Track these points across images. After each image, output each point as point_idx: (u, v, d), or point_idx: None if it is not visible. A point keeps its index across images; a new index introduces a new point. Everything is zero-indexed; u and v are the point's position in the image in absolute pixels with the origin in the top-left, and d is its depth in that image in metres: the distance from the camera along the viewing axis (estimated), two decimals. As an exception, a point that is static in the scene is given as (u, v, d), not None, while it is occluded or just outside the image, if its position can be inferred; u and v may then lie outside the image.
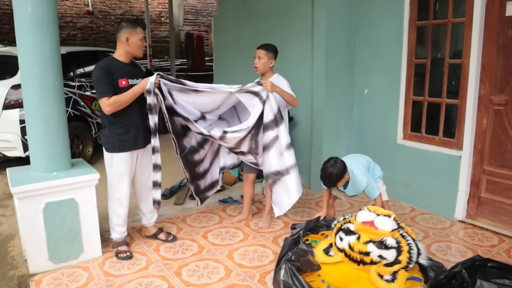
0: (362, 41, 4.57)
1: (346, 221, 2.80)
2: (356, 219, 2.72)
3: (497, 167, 3.68)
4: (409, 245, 2.56)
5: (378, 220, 2.63)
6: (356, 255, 2.57)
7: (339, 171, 3.03)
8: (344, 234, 2.68)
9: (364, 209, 2.76)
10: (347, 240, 2.63)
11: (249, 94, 3.44)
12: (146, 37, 3.26)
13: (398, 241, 2.55)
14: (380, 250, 2.51)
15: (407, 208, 4.26)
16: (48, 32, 2.99)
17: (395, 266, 2.51)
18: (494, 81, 3.60)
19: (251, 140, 3.50)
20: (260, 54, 3.65)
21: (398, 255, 2.51)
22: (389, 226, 2.60)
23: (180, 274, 3.02)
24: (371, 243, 2.55)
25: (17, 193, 2.90)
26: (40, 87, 2.99)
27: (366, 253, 2.53)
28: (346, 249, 2.62)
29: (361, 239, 2.59)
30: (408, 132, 4.29)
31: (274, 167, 3.51)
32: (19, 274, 3.08)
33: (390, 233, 2.57)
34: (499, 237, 3.56)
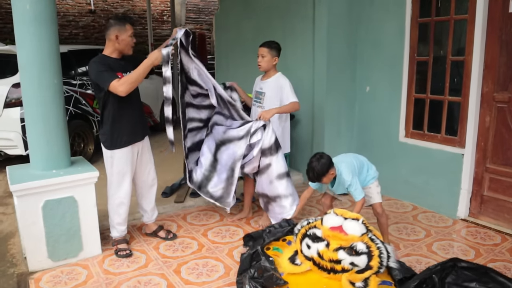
0: (364, 38, 4.54)
1: (311, 226, 2.64)
2: (323, 224, 2.58)
3: (500, 165, 3.64)
4: (379, 249, 2.46)
5: (347, 224, 2.51)
6: (326, 263, 2.43)
7: (324, 166, 2.96)
8: (311, 241, 2.52)
9: (330, 213, 2.64)
10: (315, 247, 2.48)
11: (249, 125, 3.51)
12: (134, 33, 3.24)
13: (368, 246, 2.45)
14: (352, 257, 2.39)
15: (409, 206, 4.23)
16: (47, 30, 2.97)
17: (366, 273, 2.41)
18: (497, 78, 3.56)
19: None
20: (263, 52, 3.63)
21: (369, 260, 2.42)
22: (358, 230, 2.49)
23: (179, 272, 3.01)
24: (342, 250, 2.42)
25: (16, 191, 2.90)
26: (39, 85, 2.98)
27: (337, 261, 2.40)
28: (315, 257, 2.47)
29: (331, 246, 2.44)
30: (410, 130, 4.26)
31: (264, 191, 3.56)
32: (18, 272, 3.07)
33: (360, 237, 2.46)
34: (502, 236, 3.53)
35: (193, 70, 3.51)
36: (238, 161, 3.45)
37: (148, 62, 3.04)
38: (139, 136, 3.26)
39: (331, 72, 4.47)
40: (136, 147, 3.26)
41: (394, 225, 3.80)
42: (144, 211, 3.51)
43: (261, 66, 3.67)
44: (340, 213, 2.61)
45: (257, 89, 3.85)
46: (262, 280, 2.45)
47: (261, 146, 3.41)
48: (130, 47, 3.18)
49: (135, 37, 3.22)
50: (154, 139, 7.03)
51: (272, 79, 3.71)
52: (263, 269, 2.53)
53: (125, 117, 3.13)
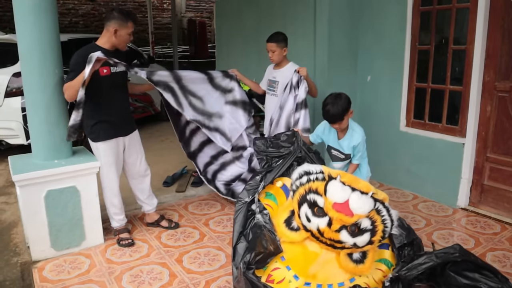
0: (365, 27, 4.51)
1: (312, 189, 2.29)
2: (326, 195, 2.24)
3: (500, 155, 3.65)
4: (384, 221, 2.24)
5: (354, 201, 2.18)
6: (325, 240, 2.26)
7: (346, 100, 2.92)
8: (311, 213, 2.26)
9: (336, 180, 2.24)
10: (315, 223, 2.25)
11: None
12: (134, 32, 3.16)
13: (373, 221, 2.22)
14: (354, 238, 2.21)
15: (410, 195, 4.24)
16: (47, 18, 2.95)
17: (366, 247, 2.27)
18: (498, 67, 3.55)
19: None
20: (272, 48, 3.67)
21: (372, 236, 2.23)
22: (366, 208, 2.19)
23: (181, 261, 3.04)
24: (344, 230, 2.21)
25: (18, 181, 2.91)
26: (40, 74, 2.97)
27: (339, 241, 2.23)
28: (314, 232, 2.27)
29: (333, 226, 2.21)
30: (411, 119, 4.25)
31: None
32: (22, 261, 3.10)
33: (368, 214, 2.22)
34: (502, 225, 3.55)
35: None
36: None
37: (80, 76, 2.84)
38: (122, 132, 3.22)
39: (332, 62, 4.45)
40: (122, 141, 3.24)
41: (395, 214, 3.82)
42: (141, 201, 3.53)
43: (273, 60, 3.73)
44: (348, 181, 2.22)
45: (270, 78, 3.89)
46: (255, 265, 2.26)
47: (297, 99, 3.51)
48: (125, 44, 3.14)
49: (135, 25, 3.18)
50: (155, 128, 7.07)
51: (285, 68, 3.76)
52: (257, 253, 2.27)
53: (102, 113, 3.10)
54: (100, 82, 3.01)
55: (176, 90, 3.60)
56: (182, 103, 3.63)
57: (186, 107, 3.66)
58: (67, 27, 12.11)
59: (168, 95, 3.53)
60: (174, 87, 3.59)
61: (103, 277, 2.85)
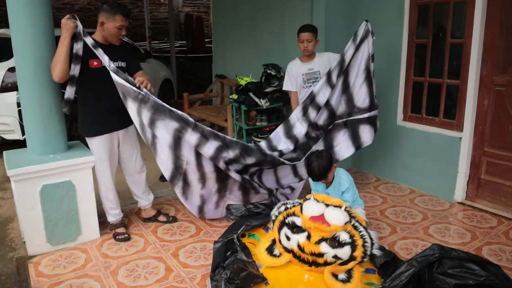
0: (362, 20, 4.47)
1: (289, 213, 2.43)
2: (303, 212, 2.36)
3: (497, 149, 3.64)
4: (363, 237, 2.32)
5: (329, 213, 2.30)
6: (307, 256, 2.28)
7: (327, 158, 2.92)
8: (291, 232, 2.34)
9: (310, 199, 2.41)
10: (295, 239, 2.30)
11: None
12: (126, 25, 3.05)
13: (351, 235, 2.30)
14: (335, 250, 2.25)
15: (407, 189, 4.24)
16: (42, 12, 2.93)
17: (350, 264, 2.29)
18: (496, 61, 3.54)
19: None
20: (308, 37, 3.66)
21: (353, 251, 2.28)
22: (341, 219, 2.29)
23: (177, 255, 3.03)
24: (324, 242, 2.26)
25: (13, 176, 2.90)
26: (34, 69, 2.95)
27: (319, 254, 2.26)
28: (295, 250, 2.31)
29: (312, 238, 2.27)
30: (408, 113, 4.25)
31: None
32: (17, 256, 3.09)
33: (343, 227, 2.30)
34: (498, 219, 3.55)
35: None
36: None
37: (61, 39, 2.83)
38: (115, 126, 3.18)
39: (330, 55, 4.43)
40: (116, 136, 3.21)
41: (391, 208, 3.82)
42: (137, 196, 3.51)
43: (308, 50, 3.70)
44: (321, 199, 2.40)
45: (305, 72, 3.82)
46: (238, 281, 2.28)
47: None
48: (116, 38, 3.05)
49: (132, 20, 3.14)
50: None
51: (319, 57, 3.80)
52: (239, 267, 2.34)
53: (93, 107, 3.08)
54: (91, 74, 2.97)
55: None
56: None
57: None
58: (63, 21, 12.03)
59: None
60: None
61: (99, 271, 2.84)
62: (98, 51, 2.92)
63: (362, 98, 3.66)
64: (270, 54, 5.22)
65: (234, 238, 2.56)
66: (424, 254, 2.39)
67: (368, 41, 3.57)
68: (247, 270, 2.33)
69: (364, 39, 3.57)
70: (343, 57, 3.57)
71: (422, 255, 2.38)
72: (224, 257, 2.52)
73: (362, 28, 3.58)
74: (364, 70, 3.62)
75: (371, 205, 3.87)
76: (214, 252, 2.58)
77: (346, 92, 3.64)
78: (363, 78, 3.63)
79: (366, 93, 3.65)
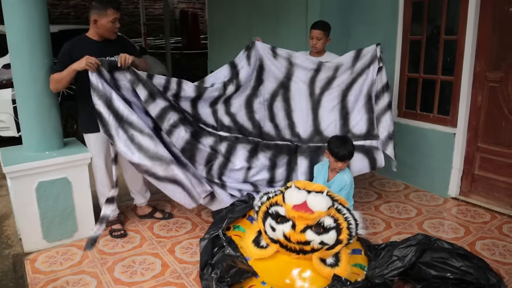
0: (357, 17, 4.50)
1: (272, 203, 2.42)
2: (285, 202, 2.35)
3: (491, 145, 3.68)
4: (347, 219, 2.33)
5: (311, 200, 2.30)
6: (294, 245, 2.31)
7: (351, 141, 2.95)
8: (275, 222, 2.35)
9: (291, 187, 2.41)
10: (280, 229, 2.32)
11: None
12: (119, 17, 3.04)
13: (336, 219, 2.31)
14: (321, 236, 2.27)
15: (401, 185, 4.27)
16: (36, 9, 2.92)
17: (337, 247, 2.33)
18: (489, 57, 3.57)
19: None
20: (318, 35, 3.60)
21: (339, 234, 2.30)
22: (324, 205, 2.30)
23: (173, 251, 3.05)
24: (309, 229, 2.28)
25: (9, 173, 2.90)
26: (30, 65, 2.95)
27: (306, 242, 2.28)
28: (282, 240, 2.34)
29: (297, 227, 2.28)
30: (403, 109, 4.27)
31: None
32: (14, 253, 3.10)
33: (326, 212, 2.31)
34: (492, 214, 3.59)
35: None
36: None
37: (72, 67, 2.85)
38: None
39: (325, 52, 4.44)
40: None
41: (386, 204, 3.85)
42: (133, 193, 3.52)
43: (316, 47, 3.64)
44: (302, 185, 2.39)
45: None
46: (229, 279, 2.27)
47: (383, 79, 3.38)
48: (111, 33, 3.05)
49: (127, 17, 3.13)
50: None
51: (327, 56, 3.69)
52: (228, 265, 2.33)
53: (92, 103, 3.02)
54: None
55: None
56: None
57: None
58: (58, 18, 11.98)
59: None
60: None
61: (96, 268, 2.85)
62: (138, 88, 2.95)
63: (358, 124, 3.43)
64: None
65: (219, 233, 2.54)
66: (408, 244, 2.46)
67: (374, 66, 3.36)
68: (236, 266, 2.33)
69: (370, 64, 3.37)
70: (336, 71, 3.42)
71: (406, 244, 2.46)
72: (211, 254, 2.50)
73: (370, 51, 3.37)
74: (365, 95, 3.41)
75: (366, 201, 3.90)
76: (201, 250, 2.55)
77: (343, 116, 3.44)
78: (362, 103, 3.42)
79: (363, 119, 3.43)
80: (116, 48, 3.10)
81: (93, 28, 3.03)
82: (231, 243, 2.50)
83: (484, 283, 2.29)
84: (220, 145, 3.34)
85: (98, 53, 2.96)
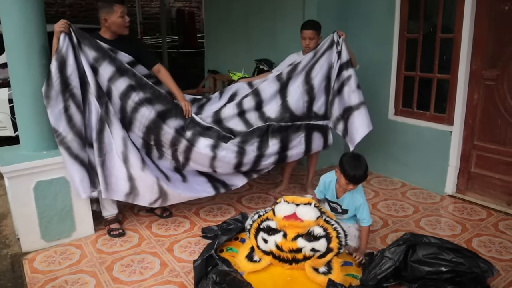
0: (354, 15, 4.51)
1: (263, 219, 2.54)
2: (275, 215, 2.47)
3: (487, 142, 3.70)
4: (336, 229, 2.45)
5: (300, 210, 2.43)
6: (286, 254, 2.40)
7: (364, 160, 2.79)
8: (267, 235, 2.45)
9: (280, 202, 2.53)
10: (272, 240, 2.42)
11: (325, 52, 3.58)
12: (127, 11, 3.13)
13: (325, 228, 2.42)
14: (312, 243, 2.37)
15: (398, 183, 4.29)
16: (33, 8, 2.90)
17: (328, 256, 2.41)
18: (485, 55, 3.58)
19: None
20: (310, 35, 3.63)
21: (329, 243, 2.40)
22: (313, 215, 2.42)
23: (172, 250, 3.05)
24: (300, 237, 2.38)
25: (7, 173, 2.89)
26: (27, 65, 2.93)
27: (298, 249, 2.37)
28: (274, 250, 2.42)
29: (288, 236, 2.38)
30: (400, 107, 4.29)
31: (347, 104, 3.61)
32: (12, 252, 3.09)
33: (315, 221, 2.42)
34: (488, 211, 3.62)
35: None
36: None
37: (55, 37, 2.89)
38: None
39: (322, 50, 4.45)
40: None
41: (383, 202, 3.87)
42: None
43: (310, 47, 3.67)
44: (290, 200, 2.53)
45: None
46: (225, 285, 2.29)
47: (341, 60, 3.53)
48: (123, 28, 3.12)
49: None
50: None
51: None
52: (225, 272, 2.38)
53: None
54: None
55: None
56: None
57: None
58: (53, 17, 11.91)
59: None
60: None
61: (94, 267, 2.86)
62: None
63: (319, 105, 3.59)
64: (263, 49, 5.22)
65: (212, 254, 2.56)
66: (397, 244, 2.50)
67: (332, 50, 3.53)
68: (231, 275, 2.36)
69: (328, 49, 3.54)
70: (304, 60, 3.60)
71: (395, 245, 2.50)
72: (205, 271, 2.51)
73: (329, 38, 3.57)
74: (325, 78, 3.56)
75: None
76: (195, 268, 2.54)
77: (309, 95, 3.54)
78: (323, 85, 3.57)
79: (323, 101, 3.61)
80: (128, 45, 3.17)
81: (105, 27, 3.10)
82: (225, 261, 2.53)
83: (477, 271, 2.35)
84: (187, 131, 3.27)
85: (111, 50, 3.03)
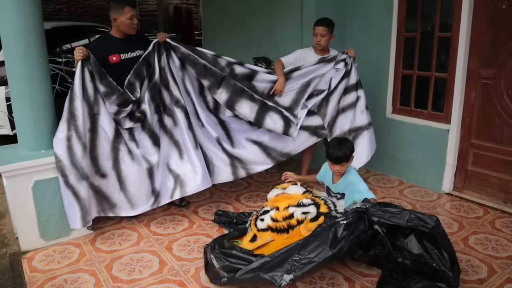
0: (352, 14, 4.52)
1: (259, 211, 2.88)
2: (268, 200, 2.91)
3: (484, 141, 3.72)
4: (323, 199, 2.81)
5: (288, 189, 2.88)
6: (282, 223, 2.66)
7: (351, 143, 2.92)
8: (263, 215, 2.77)
9: (271, 190, 2.97)
10: (268, 216, 2.72)
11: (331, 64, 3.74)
12: (137, 14, 3.27)
13: (312, 199, 2.76)
14: (302, 208, 2.68)
15: (396, 181, 4.31)
16: (30, 6, 2.90)
17: (320, 219, 2.62)
18: (483, 54, 3.60)
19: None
20: (322, 32, 3.65)
21: (318, 208, 2.70)
22: (299, 190, 2.86)
23: (171, 249, 3.06)
24: (291, 206, 2.70)
25: (5, 172, 2.89)
26: (24, 64, 2.93)
27: (290, 215, 2.65)
28: (271, 224, 2.68)
29: (280, 208, 2.72)
30: (397, 106, 4.30)
31: (356, 124, 3.78)
32: (11, 251, 3.10)
33: (303, 195, 2.80)
34: (484, 209, 3.64)
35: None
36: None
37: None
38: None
39: (319, 49, 4.46)
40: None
41: (381, 200, 3.88)
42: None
43: (321, 44, 3.68)
44: (279, 186, 2.98)
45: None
46: (224, 250, 2.56)
47: (347, 82, 3.71)
48: (131, 29, 3.23)
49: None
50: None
51: (333, 54, 3.81)
52: (222, 241, 2.71)
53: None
54: (111, 69, 3.11)
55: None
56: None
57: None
58: (50, 14, 11.88)
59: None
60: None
61: (93, 266, 2.87)
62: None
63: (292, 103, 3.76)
64: (260, 47, 5.23)
65: (224, 241, 2.73)
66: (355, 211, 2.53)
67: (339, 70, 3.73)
68: (231, 244, 2.70)
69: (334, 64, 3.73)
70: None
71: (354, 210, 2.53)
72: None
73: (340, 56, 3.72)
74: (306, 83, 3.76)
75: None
76: (205, 251, 2.71)
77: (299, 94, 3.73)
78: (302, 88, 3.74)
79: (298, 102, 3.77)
80: (137, 43, 3.30)
81: (114, 26, 3.22)
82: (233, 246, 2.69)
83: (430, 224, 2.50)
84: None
85: (120, 49, 3.21)
